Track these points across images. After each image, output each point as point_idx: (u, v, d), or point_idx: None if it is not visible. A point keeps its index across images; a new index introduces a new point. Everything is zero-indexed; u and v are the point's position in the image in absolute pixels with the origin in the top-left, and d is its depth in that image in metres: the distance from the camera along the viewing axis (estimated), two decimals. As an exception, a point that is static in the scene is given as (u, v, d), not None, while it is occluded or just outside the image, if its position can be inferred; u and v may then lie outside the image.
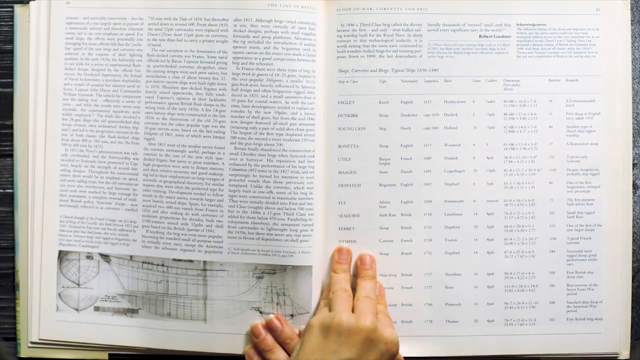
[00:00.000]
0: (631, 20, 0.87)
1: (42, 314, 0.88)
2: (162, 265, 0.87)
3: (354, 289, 0.84)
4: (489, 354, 0.86)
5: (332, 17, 0.85)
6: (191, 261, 0.86)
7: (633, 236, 0.87)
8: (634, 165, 0.88)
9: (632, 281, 0.87)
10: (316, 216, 0.85)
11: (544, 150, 0.86)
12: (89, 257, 0.88)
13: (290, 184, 0.84)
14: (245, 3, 0.85)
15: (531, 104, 0.85)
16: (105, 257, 0.88)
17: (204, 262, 0.86)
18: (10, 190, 0.89)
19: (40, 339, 0.88)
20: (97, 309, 0.88)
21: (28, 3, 0.88)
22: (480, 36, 0.85)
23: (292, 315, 0.86)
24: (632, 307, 0.87)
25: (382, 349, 0.77)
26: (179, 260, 0.86)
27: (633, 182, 0.87)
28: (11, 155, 0.89)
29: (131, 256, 0.87)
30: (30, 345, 0.88)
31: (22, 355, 0.89)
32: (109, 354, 0.89)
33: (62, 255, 0.88)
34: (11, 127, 0.89)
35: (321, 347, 0.77)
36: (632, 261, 0.87)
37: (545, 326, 0.86)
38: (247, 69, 0.85)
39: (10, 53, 0.89)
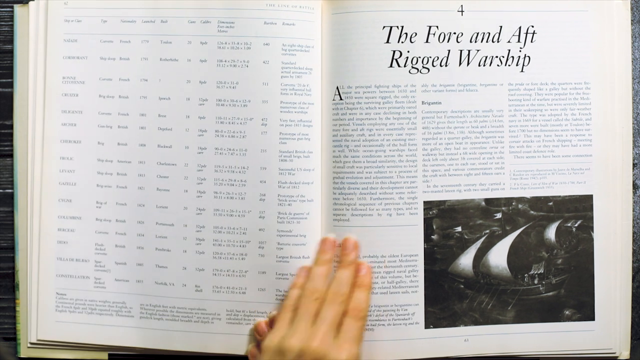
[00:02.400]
0: (631, 20, 0.87)
1: (41, 315, 0.88)
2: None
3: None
4: (487, 354, 0.86)
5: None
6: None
7: (633, 236, 0.87)
8: (634, 165, 0.87)
9: (632, 281, 0.86)
10: None
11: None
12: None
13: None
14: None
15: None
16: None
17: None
18: (10, 190, 0.90)
19: (39, 340, 0.88)
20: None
21: (28, 3, 0.88)
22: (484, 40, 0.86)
23: None
24: (632, 307, 0.87)
25: None
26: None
27: (633, 182, 0.87)
28: (11, 155, 0.89)
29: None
30: (30, 345, 0.88)
31: (22, 355, 0.89)
32: (109, 354, 0.89)
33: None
34: (11, 127, 0.89)
35: None
36: (632, 261, 0.86)
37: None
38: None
39: (10, 53, 0.89)
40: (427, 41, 0.85)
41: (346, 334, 0.79)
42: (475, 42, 0.85)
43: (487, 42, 0.86)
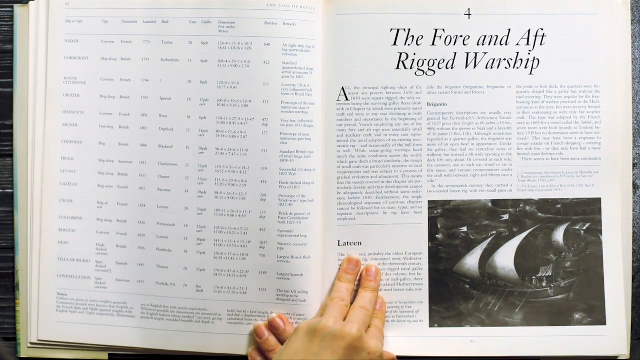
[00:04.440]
0: (631, 20, 0.87)
1: (41, 315, 0.88)
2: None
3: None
4: (492, 355, 0.87)
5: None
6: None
7: (633, 236, 0.87)
8: (634, 165, 0.88)
9: (632, 281, 0.87)
10: None
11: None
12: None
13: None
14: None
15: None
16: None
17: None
18: (10, 190, 0.89)
19: (39, 340, 0.88)
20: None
21: (28, 3, 0.88)
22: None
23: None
24: (632, 308, 0.87)
25: (365, 358, 0.77)
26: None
27: (633, 182, 0.88)
28: (11, 155, 0.89)
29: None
30: (30, 345, 0.88)
31: (22, 356, 0.89)
32: (109, 354, 0.89)
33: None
34: (11, 127, 0.89)
35: (305, 349, 0.77)
36: (632, 261, 0.87)
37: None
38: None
39: (10, 53, 0.89)
40: (433, 44, 0.86)
41: (374, 333, 0.82)
42: (483, 45, 0.86)
43: (494, 45, 0.86)
